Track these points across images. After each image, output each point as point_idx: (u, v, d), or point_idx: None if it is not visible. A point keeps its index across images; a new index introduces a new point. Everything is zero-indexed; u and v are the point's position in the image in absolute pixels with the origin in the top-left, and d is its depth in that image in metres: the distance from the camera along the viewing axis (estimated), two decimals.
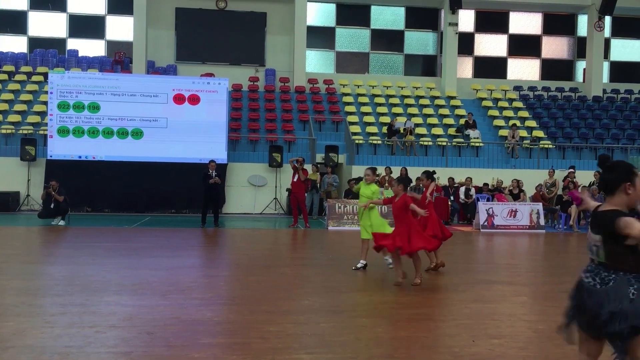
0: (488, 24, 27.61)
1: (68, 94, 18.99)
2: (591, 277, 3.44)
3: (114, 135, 19.11)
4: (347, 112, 23.46)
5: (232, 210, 19.52)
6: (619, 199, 3.40)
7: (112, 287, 7.35)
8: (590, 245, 3.46)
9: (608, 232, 3.32)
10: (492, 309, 6.74)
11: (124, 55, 24.97)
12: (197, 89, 19.58)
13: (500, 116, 24.50)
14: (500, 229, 16.25)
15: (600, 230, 3.38)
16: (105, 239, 12.66)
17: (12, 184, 18.76)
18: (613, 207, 3.38)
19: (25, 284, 7.56)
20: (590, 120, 24.84)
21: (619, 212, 3.34)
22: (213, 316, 6.07)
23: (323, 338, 5.37)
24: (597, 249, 3.40)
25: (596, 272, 3.42)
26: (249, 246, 12.20)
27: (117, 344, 5.06)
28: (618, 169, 3.44)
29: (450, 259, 10.79)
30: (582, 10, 27.09)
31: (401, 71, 27.24)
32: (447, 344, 5.27)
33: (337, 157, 20.06)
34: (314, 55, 26.79)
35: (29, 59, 24.91)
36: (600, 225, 3.38)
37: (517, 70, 28.00)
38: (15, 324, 5.53)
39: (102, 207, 19.12)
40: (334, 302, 6.90)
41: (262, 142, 21.47)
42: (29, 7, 25.80)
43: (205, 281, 8.16)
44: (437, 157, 21.15)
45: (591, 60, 26.55)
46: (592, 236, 3.44)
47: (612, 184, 3.42)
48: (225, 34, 25.55)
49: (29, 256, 10.30)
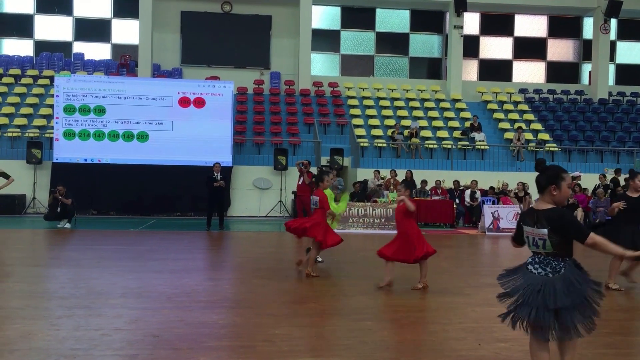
0: (493, 27, 27.58)
1: (74, 97, 19.06)
2: (541, 267, 3.87)
3: (120, 138, 19.16)
4: (352, 115, 23.47)
5: (237, 213, 19.53)
6: (547, 198, 3.88)
7: (117, 290, 7.36)
8: (534, 240, 3.87)
9: (558, 226, 3.76)
10: (498, 312, 6.68)
11: (129, 59, 25.05)
12: (203, 92, 19.62)
13: (506, 119, 24.45)
14: (506, 232, 16.19)
15: (549, 225, 3.78)
16: (111, 242, 12.68)
17: (18, 187, 18.75)
18: (549, 206, 3.85)
19: (31, 287, 7.58)
20: (596, 123, 24.76)
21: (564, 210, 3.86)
22: (218, 319, 6.07)
23: (328, 341, 5.36)
24: (543, 241, 3.81)
25: (546, 262, 3.86)
26: (254, 249, 12.20)
27: (122, 346, 5.06)
28: (547, 172, 3.90)
29: (456, 262, 10.76)
30: (587, 12, 27.03)
31: (406, 74, 27.23)
32: (453, 348, 5.25)
33: (342, 159, 20.06)
34: (319, 58, 26.82)
35: (35, 62, 25.01)
36: (550, 221, 3.79)
37: (523, 73, 27.95)
38: (21, 327, 5.54)
39: (107, 209, 19.17)
40: (339, 305, 6.89)
41: (267, 145, 21.48)
42: (35, 10, 25.92)
43: (210, 284, 8.16)
44: (442, 160, 21.12)
45: (597, 63, 26.47)
46: (536, 231, 3.84)
47: (542, 185, 3.90)
48: (230, 37, 25.61)
49: (35, 259, 10.33)
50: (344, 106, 24.28)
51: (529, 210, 4.01)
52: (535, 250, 3.91)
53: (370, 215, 16.01)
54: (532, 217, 3.91)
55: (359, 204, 16.51)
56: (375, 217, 16.07)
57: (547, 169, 3.93)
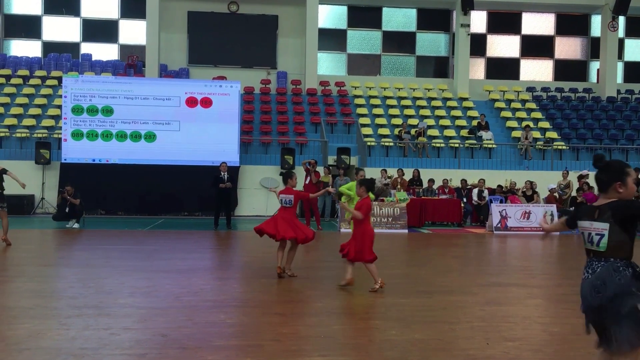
0: (500, 25, 27.49)
1: (82, 98, 19.14)
2: (585, 271, 3.69)
3: (127, 139, 19.23)
4: (358, 114, 23.45)
5: (244, 212, 19.56)
6: (613, 195, 3.64)
7: (126, 290, 7.39)
8: (590, 236, 3.65)
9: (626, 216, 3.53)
10: (506, 311, 6.69)
11: (137, 59, 25.14)
12: (210, 92, 19.66)
13: (513, 117, 24.37)
14: (514, 230, 16.15)
15: (614, 215, 3.55)
16: (119, 242, 12.73)
17: (27, 187, 18.79)
18: (614, 199, 3.62)
19: (40, 287, 7.62)
20: (605, 121, 24.63)
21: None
22: (226, 318, 6.08)
23: (336, 340, 5.36)
24: (599, 237, 3.60)
25: (589, 264, 3.68)
26: (261, 248, 12.21)
27: (131, 345, 5.08)
28: (611, 169, 3.66)
29: (464, 261, 10.73)
30: (595, 10, 26.89)
31: (413, 73, 27.19)
32: (461, 347, 5.24)
33: (349, 159, 20.05)
34: (326, 57, 26.81)
35: (43, 63, 25.14)
36: (618, 209, 3.56)
37: (530, 71, 27.84)
38: (30, 326, 5.57)
39: (115, 209, 19.24)
40: (346, 304, 6.89)
41: (274, 145, 21.50)
42: (43, 12, 26.05)
43: (218, 283, 8.17)
44: (449, 159, 21.08)
45: (605, 61, 26.34)
46: (595, 225, 3.62)
47: (605, 183, 3.67)
48: (237, 37, 25.65)
49: (44, 259, 10.38)
50: (351, 105, 24.26)
51: (588, 207, 3.77)
52: (590, 247, 3.68)
53: (378, 214, 15.99)
54: (592, 212, 3.68)
55: None
56: (383, 217, 16.05)
57: (609, 165, 3.69)
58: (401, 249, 12.77)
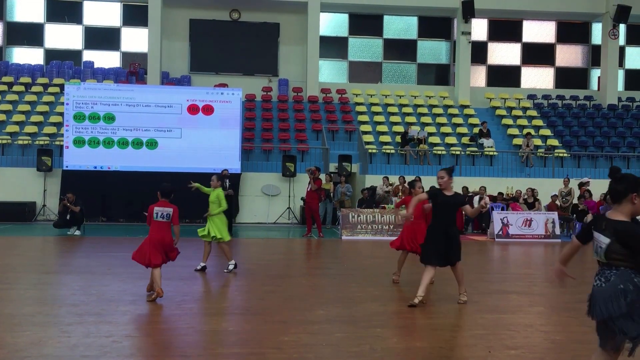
0: (501, 33, 27.54)
1: (84, 105, 19.18)
2: (598, 279, 3.80)
3: (129, 146, 19.26)
4: (360, 122, 23.47)
5: (246, 219, 19.55)
6: (626, 207, 3.76)
7: (127, 297, 7.39)
8: (596, 246, 3.80)
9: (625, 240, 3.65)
10: (508, 319, 6.68)
11: (138, 67, 25.21)
12: (211, 99, 19.69)
13: (514, 125, 24.38)
14: (515, 238, 16.13)
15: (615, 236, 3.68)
16: (121, 249, 12.72)
17: (29, 195, 18.95)
18: (624, 217, 3.74)
19: (41, 294, 7.62)
20: (606, 128, 24.64)
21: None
22: (228, 326, 6.07)
23: (338, 348, 5.36)
24: (601, 250, 3.74)
25: (601, 273, 3.79)
26: (262, 256, 12.21)
27: (133, 353, 5.08)
28: (626, 180, 3.79)
29: (465, 269, 10.70)
30: (596, 18, 26.95)
31: (414, 80, 27.23)
32: (463, 355, 5.23)
33: (350, 166, 20.06)
34: (327, 65, 26.87)
35: (45, 70, 25.21)
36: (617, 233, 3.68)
37: (531, 79, 27.88)
38: (31, 334, 5.57)
39: (117, 217, 19.24)
40: (348, 312, 6.88)
41: (275, 152, 21.52)
42: (45, 19, 26.15)
43: (219, 291, 8.17)
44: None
45: (606, 68, 26.36)
46: (600, 237, 3.76)
47: (620, 194, 3.79)
48: (238, 44, 25.72)
49: (45, 266, 10.38)
50: (352, 113, 24.29)
51: (602, 216, 3.89)
52: (595, 257, 3.85)
53: (379, 221, 15.98)
54: (601, 223, 3.82)
55: (368, 210, 16.48)
56: (384, 224, 16.03)
57: (624, 177, 3.82)
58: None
